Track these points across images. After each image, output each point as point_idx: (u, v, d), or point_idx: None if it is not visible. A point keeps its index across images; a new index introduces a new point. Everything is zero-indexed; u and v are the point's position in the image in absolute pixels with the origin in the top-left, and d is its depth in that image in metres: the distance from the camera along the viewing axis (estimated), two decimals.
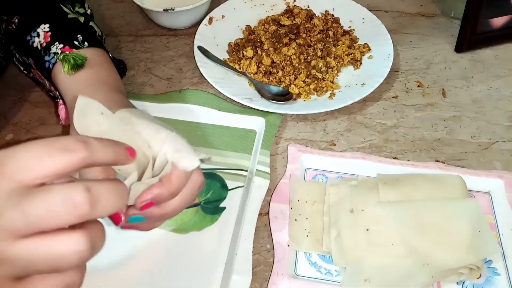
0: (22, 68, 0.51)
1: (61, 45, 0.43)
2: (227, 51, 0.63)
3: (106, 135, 0.30)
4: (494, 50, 0.64)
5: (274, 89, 0.56)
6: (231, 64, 0.60)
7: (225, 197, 0.47)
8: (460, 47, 0.63)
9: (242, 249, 0.42)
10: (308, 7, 0.68)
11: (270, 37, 0.61)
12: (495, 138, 0.53)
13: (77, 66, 0.40)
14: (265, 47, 0.59)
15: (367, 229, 0.41)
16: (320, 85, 0.57)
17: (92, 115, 0.31)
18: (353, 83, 0.58)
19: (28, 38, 0.45)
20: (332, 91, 0.56)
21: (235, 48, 0.61)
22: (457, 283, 0.40)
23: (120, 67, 0.56)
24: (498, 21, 0.63)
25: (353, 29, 0.65)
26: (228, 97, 0.55)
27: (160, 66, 0.62)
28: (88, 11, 0.53)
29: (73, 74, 0.40)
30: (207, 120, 0.54)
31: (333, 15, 0.66)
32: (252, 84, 0.57)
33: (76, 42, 0.44)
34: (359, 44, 0.62)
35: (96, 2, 0.73)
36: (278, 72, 0.57)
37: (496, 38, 0.64)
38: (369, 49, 0.61)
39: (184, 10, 0.62)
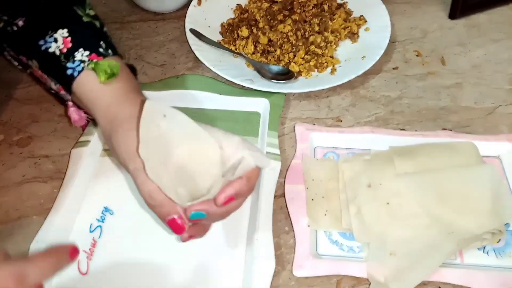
0: (16, 64, 0.48)
1: (87, 52, 0.41)
2: (220, 32, 0.61)
3: (165, 136, 0.33)
4: (488, 14, 0.64)
5: (274, 68, 0.54)
6: (226, 46, 0.58)
7: None
8: (454, 14, 0.63)
9: (262, 233, 0.41)
10: None
11: (264, 15, 0.59)
12: (498, 102, 0.53)
13: (113, 75, 0.40)
14: (260, 25, 0.58)
15: (388, 203, 0.40)
16: (320, 61, 0.55)
17: (155, 119, 0.33)
18: (352, 56, 0.56)
19: (42, 42, 0.41)
20: (333, 66, 0.55)
21: (229, 29, 0.59)
22: (478, 248, 0.40)
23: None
24: None
25: (347, 2, 0.63)
26: (227, 80, 0.53)
27: (152, 53, 0.60)
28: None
29: (107, 83, 0.40)
30: (209, 105, 0.52)
31: None
32: (251, 65, 0.55)
33: (101, 50, 0.42)
34: (354, 17, 0.61)
35: None
36: (276, 50, 0.56)
37: (490, 2, 0.64)
38: (365, 21, 0.60)
39: None
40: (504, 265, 0.39)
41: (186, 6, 0.63)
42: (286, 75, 0.53)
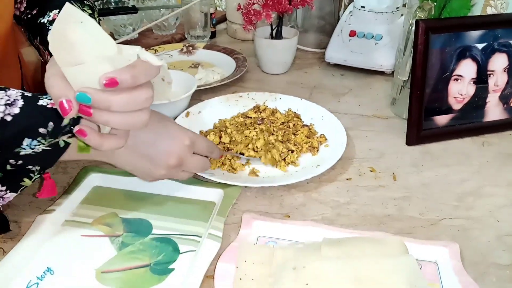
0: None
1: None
2: None
3: (77, 43, 0.36)
4: (442, 144, 0.70)
5: None
6: None
7: (175, 260, 0.48)
8: (411, 141, 0.70)
9: None
10: (276, 107, 0.77)
11: (235, 124, 0.68)
12: (443, 215, 0.55)
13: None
14: (228, 131, 0.66)
15: (307, 284, 0.41)
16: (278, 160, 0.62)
17: (71, 22, 0.36)
18: (309, 165, 0.63)
19: (40, 19, 0.55)
20: (295, 162, 0.62)
21: (205, 135, 0.68)
22: None
23: None
24: (442, 119, 0.70)
25: (313, 124, 0.72)
26: None
27: None
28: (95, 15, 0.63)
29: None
30: (169, 192, 0.58)
31: (295, 112, 0.74)
32: None
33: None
34: (317, 136, 0.69)
35: None
36: (236, 146, 0.63)
37: (443, 134, 0.71)
38: (326, 139, 0.68)
39: (162, 104, 0.70)
40: None
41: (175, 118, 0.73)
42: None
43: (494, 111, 0.72)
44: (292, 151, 0.64)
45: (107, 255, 0.48)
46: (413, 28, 0.66)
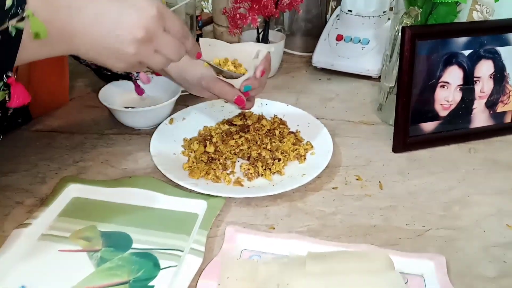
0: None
1: None
2: (182, 145, 0.68)
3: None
4: (429, 151, 0.70)
5: None
6: (186, 156, 0.65)
7: (155, 276, 0.46)
8: (397, 148, 0.69)
9: None
10: (262, 114, 0.76)
11: (220, 133, 0.67)
12: (429, 225, 0.55)
13: None
14: (214, 140, 0.65)
15: None
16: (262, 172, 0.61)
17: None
18: (295, 174, 0.61)
19: None
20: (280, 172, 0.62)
21: (188, 143, 0.67)
22: None
23: None
24: (428, 126, 0.70)
25: (299, 131, 0.71)
26: (175, 182, 0.58)
27: (118, 159, 0.66)
28: None
29: None
30: (152, 204, 0.56)
31: (281, 119, 0.73)
32: None
33: None
34: (303, 143, 0.68)
35: (74, 109, 0.80)
36: (220, 157, 0.62)
37: (430, 141, 0.70)
38: (312, 147, 0.67)
39: (145, 110, 0.69)
40: None
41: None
42: None
43: (480, 117, 0.72)
44: (279, 160, 0.63)
45: (85, 271, 0.47)
46: (400, 34, 0.65)
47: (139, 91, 0.75)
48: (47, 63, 0.64)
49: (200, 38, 0.58)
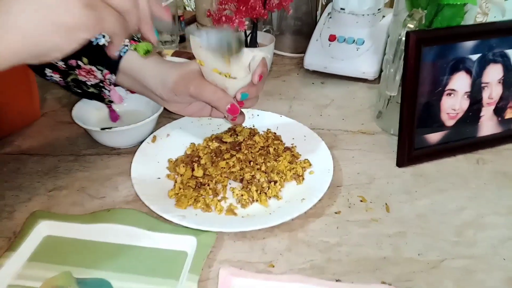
0: (57, 79, 0.62)
1: (127, 40, 0.57)
2: (167, 167, 0.61)
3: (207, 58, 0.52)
4: (435, 164, 0.65)
5: None
6: (171, 180, 0.58)
7: None
8: (401, 162, 0.64)
9: None
10: (254, 126, 0.69)
11: (209, 152, 0.60)
12: (444, 255, 0.50)
13: (149, 52, 0.51)
14: (202, 162, 0.58)
15: None
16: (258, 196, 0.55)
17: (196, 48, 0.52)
18: (293, 198, 0.56)
19: (92, 39, 0.44)
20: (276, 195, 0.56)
21: (174, 166, 0.60)
22: None
23: None
24: (434, 137, 0.65)
25: (295, 146, 0.65)
26: (160, 215, 0.51)
27: (96, 185, 0.59)
28: None
29: (146, 57, 0.56)
30: (134, 241, 0.50)
31: (275, 133, 0.67)
32: None
33: (135, 38, 0.59)
34: (300, 160, 0.62)
35: (47, 126, 0.73)
36: (210, 182, 0.56)
37: (435, 153, 0.65)
38: (310, 165, 0.61)
39: (124, 129, 0.62)
40: None
41: (141, 143, 0.65)
42: None
43: (488, 125, 0.67)
44: (275, 182, 0.57)
45: None
46: (404, 39, 0.59)
47: (114, 116, 0.68)
48: (10, 76, 0.57)
49: (191, 38, 0.52)
